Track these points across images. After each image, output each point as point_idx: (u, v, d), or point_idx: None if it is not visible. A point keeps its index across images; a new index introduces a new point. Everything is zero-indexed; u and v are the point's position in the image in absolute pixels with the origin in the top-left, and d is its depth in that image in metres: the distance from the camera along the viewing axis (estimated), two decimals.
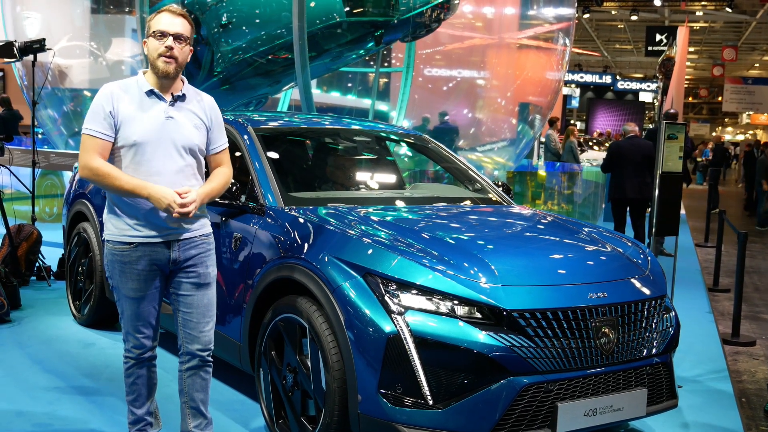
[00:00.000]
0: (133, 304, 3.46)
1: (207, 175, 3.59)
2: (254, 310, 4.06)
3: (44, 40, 7.51)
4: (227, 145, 3.64)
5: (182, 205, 3.28)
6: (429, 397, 3.30)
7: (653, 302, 3.81)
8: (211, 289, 3.54)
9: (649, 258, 4.15)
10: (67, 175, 9.87)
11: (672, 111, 10.65)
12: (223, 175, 3.57)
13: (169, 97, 3.40)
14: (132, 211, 3.37)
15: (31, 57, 7.55)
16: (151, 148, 3.33)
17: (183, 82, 3.48)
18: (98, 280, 5.66)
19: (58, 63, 10.71)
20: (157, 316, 3.53)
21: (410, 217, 4.32)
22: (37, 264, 7.27)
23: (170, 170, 3.36)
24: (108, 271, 3.50)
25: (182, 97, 3.44)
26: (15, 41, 7.69)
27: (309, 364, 3.66)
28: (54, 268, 7.53)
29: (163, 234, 3.40)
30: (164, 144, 3.35)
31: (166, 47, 3.33)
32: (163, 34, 3.34)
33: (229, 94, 10.27)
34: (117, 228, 3.41)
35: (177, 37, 3.35)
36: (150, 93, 3.39)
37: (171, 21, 3.36)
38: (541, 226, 4.50)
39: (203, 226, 3.52)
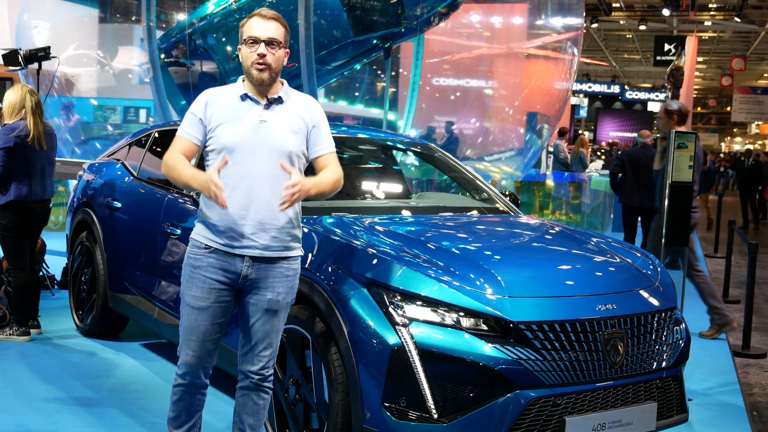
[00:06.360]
0: (192, 314, 3.27)
1: None
2: None
3: (49, 48, 7.49)
4: (334, 149, 3.40)
5: (287, 187, 3.04)
6: (434, 411, 3.23)
7: (663, 314, 3.74)
8: (277, 317, 3.31)
9: (659, 269, 4.08)
10: (73, 183, 9.86)
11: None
12: (332, 174, 3.30)
13: (264, 101, 3.26)
14: (213, 216, 3.21)
15: (35, 65, 7.53)
16: (241, 152, 3.17)
17: (282, 85, 3.33)
18: (101, 290, 5.61)
19: (65, 72, 10.71)
20: (215, 339, 3.30)
21: (416, 227, 4.25)
22: (41, 273, 7.23)
23: (263, 176, 3.18)
24: (182, 275, 3.35)
25: (278, 100, 3.27)
26: (20, 49, 7.68)
27: (312, 376, 3.59)
28: (58, 277, 7.50)
29: (239, 246, 3.21)
30: (257, 149, 3.19)
31: (258, 55, 3.18)
32: (255, 41, 3.19)
33: None
34: (200, 230, 3.27)
35: (269, 43, 3.19)
36: (244, 97, 3.25)
37: (263, 26, 3.21)
38: (549, 237, 4.44)
39: (287, 250, 3.29)
